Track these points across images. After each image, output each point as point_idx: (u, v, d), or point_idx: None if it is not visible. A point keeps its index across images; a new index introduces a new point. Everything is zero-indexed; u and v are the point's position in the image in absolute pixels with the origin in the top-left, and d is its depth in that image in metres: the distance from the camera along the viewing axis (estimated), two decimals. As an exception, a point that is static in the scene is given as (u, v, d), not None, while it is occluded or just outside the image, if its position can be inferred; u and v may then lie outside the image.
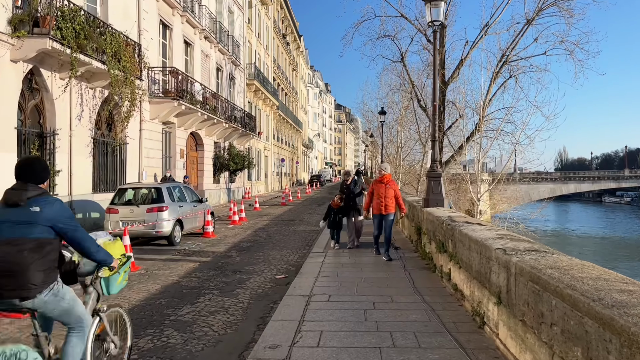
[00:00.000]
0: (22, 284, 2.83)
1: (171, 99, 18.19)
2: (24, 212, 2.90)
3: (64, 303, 3.05)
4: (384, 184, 8.60)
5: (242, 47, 32.21)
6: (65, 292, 3.09)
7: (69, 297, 3.11)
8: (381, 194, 8.55)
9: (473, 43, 23.10)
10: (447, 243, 6.48)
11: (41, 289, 2.90)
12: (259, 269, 8.98)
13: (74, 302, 3.16)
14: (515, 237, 4.70)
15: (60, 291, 3.03)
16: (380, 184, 8.65)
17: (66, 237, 3.05)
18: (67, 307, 3.09)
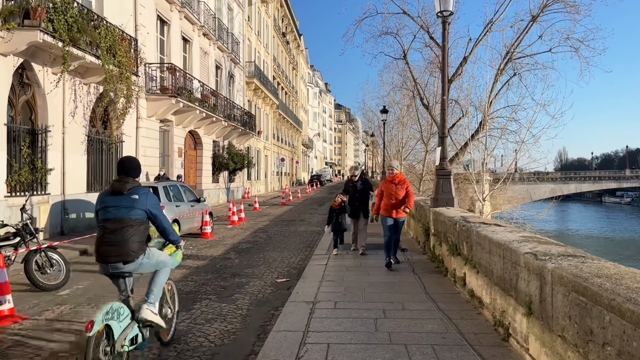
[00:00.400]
0: (125, 252, 3.83)
1: (169, 96, 17.73)
2: (126, 199, 3.91)
3: (153, 260, 4.09)
4: (394, 184, 7.84)
5: (241, 45, 31.75)
6: (153, 253, 4.11)
7: (155, 254, 4.14)
8: (392, 195, 7.76)
9: (476, 40, 22.65)
10: (461, 245, 6.03)
11: (138, 255, 3.90)
12: (259, 272, 8.53)
13: (158, 254, 4.21)
14: (543, 240, 4.25)
15: (149, 254, 4.04)
16: (391, 184, 7.87)
17: (154, 220, 4.07)
18: (155, 261, 4.14)
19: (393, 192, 7.80)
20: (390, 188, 7.86)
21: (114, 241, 3.82)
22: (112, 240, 3.82)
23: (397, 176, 7.91)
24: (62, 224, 12.74)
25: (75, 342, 4.78)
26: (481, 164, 17.32)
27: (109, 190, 4.03)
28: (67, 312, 6.13)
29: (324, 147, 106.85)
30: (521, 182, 40.03)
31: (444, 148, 8.48)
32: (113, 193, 3.96)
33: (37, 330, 5.36)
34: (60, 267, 7.50)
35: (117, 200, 3.91)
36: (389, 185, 7.90)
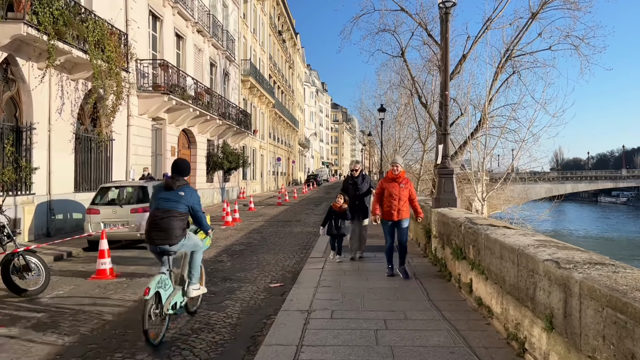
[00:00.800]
0: (170, 237, 4.77)
1: (161, 93, 17.27)
2: (175, 194, 4.84)
3: (191, 242, 5.13)
4: (397, 183, 6.94)
5: (236, 43, 31.29)
6: (190, 236, 5.13)
7: (192, 237, 5.18)
8: (394, 195, 6.89)
9: (475, 38, 22.31)
10: (466, 249, 5.63)
11: (180, 239, 4.86)
12: (252, 276, 8.10)
13: (195, 238, 5.28)
14: (562, 245, 3.85)
15: (188, 237, 5.03)
16: (394, 182, 6.96)
17: (193, 213, 5.02)
18: (193, 243, 5.18)
19: (396, 192, 6.91)
20: (393, 188, 6.94)
21: (163, 227, 4.77)
22: (161, 226, 4.78)
23: (401, 174, 7.01)
24: (48, 225, 12.28)
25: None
26: (479, 164, 16.98)
27: (162, 185, 5.06)
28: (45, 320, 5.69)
29: (321, 147, 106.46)
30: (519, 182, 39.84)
31: (445, 146, 8.09)
32: (165, 188, 4.95)
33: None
34: (39, 271, 7.04)
35: (168, 194, 4.88)
36: (392, 184, 6.98)
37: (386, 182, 7.11)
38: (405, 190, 6.99)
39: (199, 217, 5.15)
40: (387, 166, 35.29)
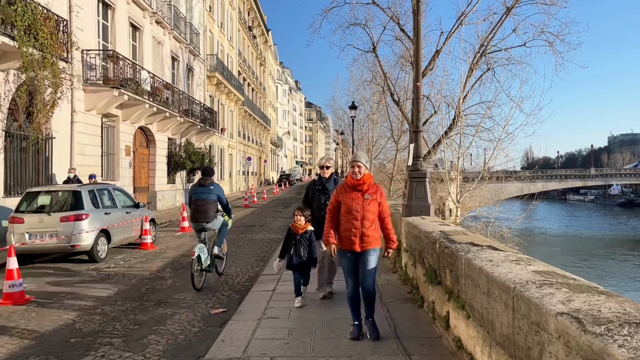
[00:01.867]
0: (207, 217, 7.37)
1: (110, 87, 15.73)
2: (207, 189, 7.40)
3: (218, 222, 7.66)
4: (360, 193, 4.52)
5: (201, 37, 29.74)
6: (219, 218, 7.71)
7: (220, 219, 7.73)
8: (355, 212, 4.46)
9: (449, 33, 21.53)
10: (442, 272, 4.56)
11: (213, 218, 7.45)
12: (192, 298, 6.86)
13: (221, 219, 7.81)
14: (574, 282, 2.80)
15: (217, 218, 7.62)
16: (354, 192, 4.53)
17: (220, 200, 7.51)
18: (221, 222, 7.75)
19: (358, 207, 4.45)
20: (353, 200, 4.48)
21: (202, 211, 7.35)
22: (201, 211, 7.34)
23: (365, 178, 4.55)
24: (-31, 235, 10.70)
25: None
26: (452, 164, 16.15)
27: (197, 184, 7.59)
28: None
29: (295, 146, 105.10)
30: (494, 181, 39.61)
31: (417, 145, 7.03)
32: (200, 186, 7.49)
33: None
34: None
35: (203, 189, 7.42)
36: (351, 194, 4.52)
37: (343, 191, 4.58)
38: (372, 204, 4.48)
39: (224, 204, 7.66)
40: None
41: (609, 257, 35.04)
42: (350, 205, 4.52)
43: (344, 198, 4.59)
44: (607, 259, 34.30)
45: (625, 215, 70.63)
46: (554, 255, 33.68)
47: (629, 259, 34.28)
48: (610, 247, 39.42)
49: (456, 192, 15.88)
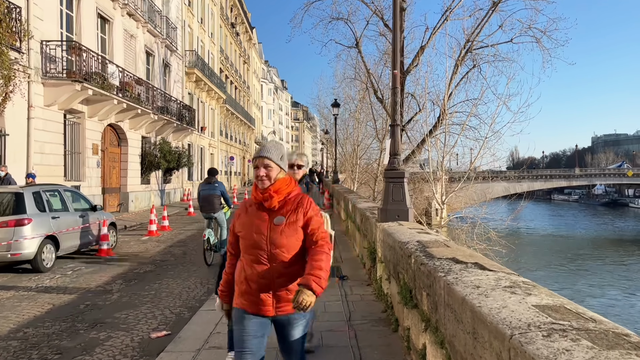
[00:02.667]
0: (213, 209, 9.26)
1: (72, 81, 14.64)
2: (212, 186, 9.23)
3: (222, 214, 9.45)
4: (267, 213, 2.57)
5: (179, 32, 28.64)
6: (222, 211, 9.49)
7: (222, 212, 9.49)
8: (258, 246, 2.53)
9: (434, 29, 20.89)
10: (418, 293, 3.72)
11: (218, 210, 9.31)
12: (134, 318, 5.92)
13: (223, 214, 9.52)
14: (590, 322, 1.97)
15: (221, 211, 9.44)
16: (259, 211, 2.60)
17: (223, 195, 9.30)
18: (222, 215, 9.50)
19: (262, 239, 2.52)
20: (256, 227, 2.56)
21: (209, 203, 9.21)
22: (208, 202, 9.22)
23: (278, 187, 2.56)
24: None
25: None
26: (438, 163, 15.42)
27: (204, 182, 9.42)
28: None
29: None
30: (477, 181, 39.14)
31: (395, 141, 6.18)
32: (207, 183, 9.29)
33: None
34: None
35: (209, 186, 9.23)
36: (254, 217, 2.59)
37: (244, 212, 2.69)
38: (290, 232, 2.54)
39: (226, 198, 9.35)
40: (346, 166, 33.54)
41: (597, 257, 34.77)
42: (250, 237, 2.52)
43: (242, 224, 2.59)
44: (594, 259, 34.01)
45: (610, 215, 71.07)
46: (541, 255, 33.30)
47: (616, 259, 34.03)
48: (597, 248, 39.23)
49: (441, 193, 15.13)
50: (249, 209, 2.65)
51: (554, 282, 25.40)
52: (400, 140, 6.43)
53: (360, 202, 9.67)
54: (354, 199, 11.14)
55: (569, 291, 23.55)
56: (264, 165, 2.55)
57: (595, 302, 21.62)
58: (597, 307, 20.72)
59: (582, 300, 21.41)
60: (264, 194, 2.53)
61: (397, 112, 6.09)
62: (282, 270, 2.53)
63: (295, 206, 2.60)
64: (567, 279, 26.75)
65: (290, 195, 2.63)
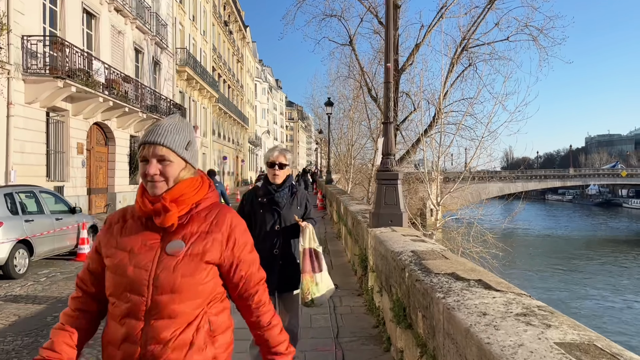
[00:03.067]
0: None
1: (54, 78, 14.10)
2: None
3: None
4: (159, 234, 1.54)
5: (170, 29, 28.09)
6: None
7: None
8: (136, 289, 1.47)
9: (429, 26, 20.52)
10: (412, 313, 3.27)
11: None
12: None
13: None
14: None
15: None
16: (146, 231, 1.55)
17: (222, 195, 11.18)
18: None
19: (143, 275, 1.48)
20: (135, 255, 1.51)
21: None
22: None
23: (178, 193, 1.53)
24: None
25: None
26: (433, 164, 15.02)
27: None
28: None
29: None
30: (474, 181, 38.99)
31: (387, 140, 5.74)
32: None
33: None
34: None
35: None
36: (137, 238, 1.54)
37: (122, 227, 1.60)
38: (191, 267, 1.50)
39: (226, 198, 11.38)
40: (341, 166, 33.10)
41: (592, 258, 34.55)
42: (123, 270, 1.51)
43: (114, 246, 1.56)
44: (590, 260, 33.78)
45: (604, 215, 71.16)
46: (537, 256, 33.03)
47: (612, 260, 33.82)
48: (592, 248, 39.04)
49: (437, 194, 14.73)
50: (129, 223, 1.60)
51: (551, 283, 25.11)
52: (393, 139, 5.99)
53: (352, 205, 9.22)
54: (345, 200, 10.69)
55: (565, 293, 23.26)
56: (157, 157, 1.51)
57: (593, 304, 21.33)
58: (594, 308, 20.44)
59: (580, 302, 21.14)
60: (154, 204, 1.52)
61: (390, 109, 5.64)
62: (164, 334, 1.46)
63: (208, 227, 1.57)
64: (563, 280, 26.47)
65: (200, 207, 1.60)
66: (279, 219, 3.38)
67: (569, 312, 17.89)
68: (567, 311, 19.54)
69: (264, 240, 3.32)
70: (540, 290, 23.19)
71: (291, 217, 3.39)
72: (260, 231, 3.36)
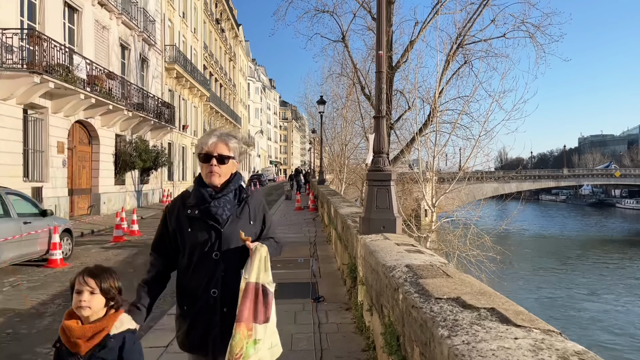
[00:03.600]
0: None
1: (30, 73, 13.38)
2: None
3: None
4: None
5: (159, 25, 27.36)
6: None
7: None
8: None
9: (424, 22, 20.01)
10: (409, 345, 2.67)
11: None
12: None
13: None
14: None
15: None
16: None
17: None
18: None
19: None
20: None
21: None
22: None
23: None
24: None
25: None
26: (427, 164, 14.48)
27: None
28: None
29: (269, 146, 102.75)
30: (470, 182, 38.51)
31: (379, 136, 5.13)
32: None
33: None
34: None
35: None
36: None
37: None
38: None
39: None
40: (334, 166, 32.46)
41: (590, 259, 34.18)
42: None
43: None
44: (587, 261, 33.41)
45: (598, 216, 71.11)
46: (534, 258, 32.61)
47: (608, 261, 33.46)
48: (589, 249, 38.72)
49: (432, 195, 14.18)
50: None
51: (549, 285, 24.66)
52: (386, 136, 5.39)
53: (342, 207, 8.60)
54: (336, 202, 10.08)
55: (564, 295, 22.80)
56: None
57: (592, 306, 20.87)
58: (593, 311, 19.97)
59: (580, 304, 20.67)
60: None
61: (383, 101, 5.05)
62: None
63: None
64: (561, 281, 26.03)
65: None
66: (218, 241, 2.23)
67: (569, 315, 17.30)
68: (566, 314, 18.97)
69: (195, 274, 2.24)
70: (540, 292, 22.73)
71: (237, 237, 2.23)
72: (190, 260, 2.25)
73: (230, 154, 2.28)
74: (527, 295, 21.66)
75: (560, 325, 17.12)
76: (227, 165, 2.28)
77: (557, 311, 19.64)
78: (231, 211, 2.28)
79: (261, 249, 2.21)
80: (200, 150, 2.29)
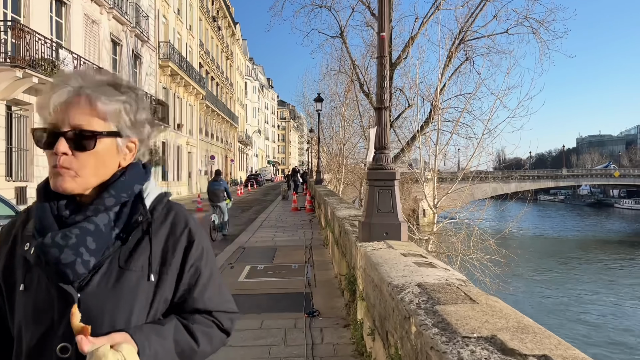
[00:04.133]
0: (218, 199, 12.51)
1: (12, 67, 12.73)
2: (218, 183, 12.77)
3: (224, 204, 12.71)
4: None
5: (152, 21, 26.71)
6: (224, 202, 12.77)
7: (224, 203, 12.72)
8: None
9: (425, 17, 19.46)
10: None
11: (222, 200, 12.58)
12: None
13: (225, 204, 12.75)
14: None
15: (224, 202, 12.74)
16: None
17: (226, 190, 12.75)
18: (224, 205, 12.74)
19: None
20: None
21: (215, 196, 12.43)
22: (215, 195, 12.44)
23: None
24: None
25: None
26: (428, 163, 13.91)
27: (212, 180, 13.05)
28: None
29: (267, 145, 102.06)
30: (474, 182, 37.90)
31: (382, 130, 4.52)
32: (214, 181, 12.83)
33: None
34: None
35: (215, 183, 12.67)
36: None
37: None
38: None
39: (228, 192, 12.67)
40: (332, 165, 31.85)
41: (590, 260, 33.66)
42: None
43: None
44: (588, 262, 32.89)
45: (597, 216, 70.68)
46: (535, 259, 32.05)
47: (609, 262, 32.95)
48: (589, 250, 38.21)
49: (433, 195, 13.59)
50: None
51: (550, 286, 24.10)
52: (388, 130, 4.78)
53: (340, 209, 7.98)
54: (333, 203, 9.46)
55: (566, 297, 22.25)
56: None
57: (593, 309, 20.32)
58: (595, 314, 19.45)
59: (583, 307, 20.13)
60: None
61: (385, 90, 4.43)
62: None
63: None
64: (562, 283, 25.48)
65: None
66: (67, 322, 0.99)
67: (574, 319, 16.62)
68: (571, 318, 18.31)
69: None
70: (542, 294, 22.20)
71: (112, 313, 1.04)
72: (19, 351, 1.08)
73: (102, 128, 1.07)
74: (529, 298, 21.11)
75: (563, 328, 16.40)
76: (95, 153, 1.06)
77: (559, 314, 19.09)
78: (99, 253, 1.06)
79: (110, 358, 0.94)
80: (42, 123, 1.14)
